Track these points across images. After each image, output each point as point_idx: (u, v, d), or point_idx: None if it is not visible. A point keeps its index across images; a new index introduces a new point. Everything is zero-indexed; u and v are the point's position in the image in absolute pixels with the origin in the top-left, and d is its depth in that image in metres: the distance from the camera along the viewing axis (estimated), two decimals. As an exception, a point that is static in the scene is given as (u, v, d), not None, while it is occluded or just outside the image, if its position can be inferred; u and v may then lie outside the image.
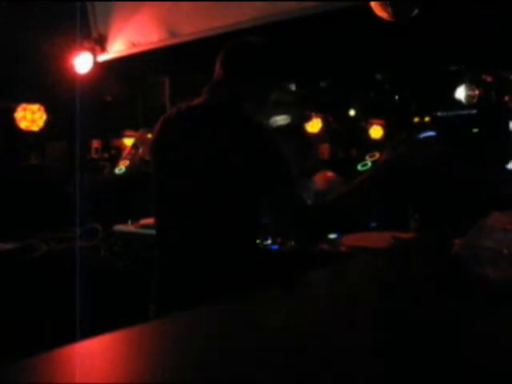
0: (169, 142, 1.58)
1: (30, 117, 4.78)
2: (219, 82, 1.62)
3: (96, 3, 3.65)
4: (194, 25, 3.16)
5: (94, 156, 6.30)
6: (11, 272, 2.56)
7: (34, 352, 0.65)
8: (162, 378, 0.61)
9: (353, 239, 2.12)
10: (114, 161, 4.52)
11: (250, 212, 1.50)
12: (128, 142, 4.74)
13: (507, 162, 5.91)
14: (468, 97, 6.13)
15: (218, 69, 1.63)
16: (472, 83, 6.07)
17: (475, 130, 6.39)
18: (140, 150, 3.89)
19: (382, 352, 0.71)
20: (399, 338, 0.77)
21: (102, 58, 3.71)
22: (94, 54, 3.69)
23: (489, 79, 6.10)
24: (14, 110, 4.76)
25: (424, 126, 6.68)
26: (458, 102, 6.16)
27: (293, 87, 6.98)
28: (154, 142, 1.65)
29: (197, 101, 1.58)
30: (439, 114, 6.84)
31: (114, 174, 3.86)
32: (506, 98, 6.20)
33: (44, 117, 4.81)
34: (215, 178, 1.43)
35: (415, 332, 0.79)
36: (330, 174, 3.03)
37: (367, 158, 2.65)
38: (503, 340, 0.75)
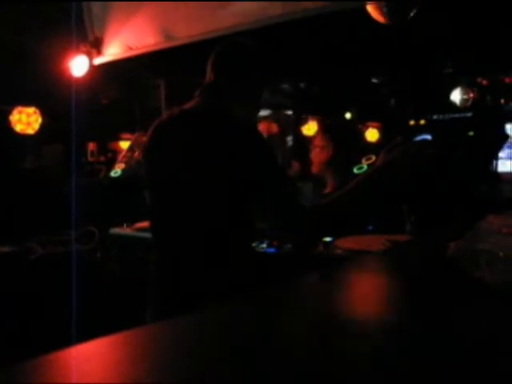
0: (161, 147, 1.58)
1: (26, 120, 4.77)
2: (210, 85, 1.62)
3: (92, 6, 3.65)
4: (190, 28, 3.17)
5: (90, 159, 6.29)
6: (8, 275, 2.55)
7: (30, 355, 0.65)
8: (160, 381, 0.61)
9: (349, 242, 2.12)
10: (110, 164, 4.52)
11: (245, 215, 1.50)
12: (124, 144, 4.74)
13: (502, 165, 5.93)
14: (463, 100, 6.15)
15: (209, 72, 1.64)
16: (467, 86, 6.10)
17: (470, 133, 6.42)
18: (136, 153, 3.89)
19: (379, 356, 0.71)
20: (396, 342, 0.78)
21: (98, 61, 3.72)
22: (90, 57, 3.70)
23: (484, 82, 6.13)
24: (9, 112, 4.75)
25: (419, 129, 6.71)
26: (454, 105, 6.19)
27: (289, 90, 7.00)
28: (147, 147, 1.64)
29: (189, 105, 1.58)
30: (435, 117, 6.88)
31: (110, 177, 3.86)
32: (502, 101, 6.23)
33: (39, 120, 4.80)
34: (208, 182, 1.43)
35: (412, 335, 0.79)
36: None
37: (363, 161, 2.64)
38: (500, 343, 0.75)
